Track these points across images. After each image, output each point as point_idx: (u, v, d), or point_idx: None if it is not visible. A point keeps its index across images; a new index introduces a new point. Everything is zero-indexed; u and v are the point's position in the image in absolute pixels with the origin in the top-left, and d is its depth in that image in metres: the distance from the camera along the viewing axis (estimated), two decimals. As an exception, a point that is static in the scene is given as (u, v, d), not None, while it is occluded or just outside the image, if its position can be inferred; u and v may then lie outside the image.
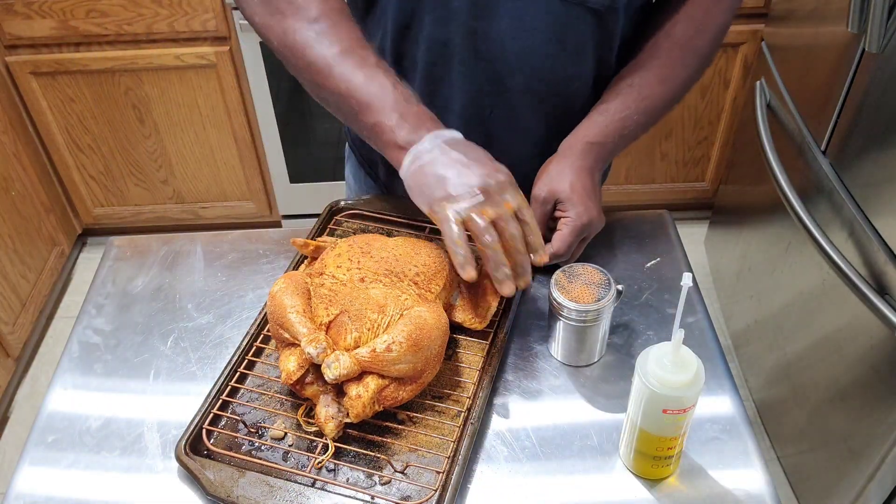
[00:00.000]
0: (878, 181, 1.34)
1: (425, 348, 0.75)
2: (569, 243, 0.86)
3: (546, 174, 0.90)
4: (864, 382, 1.40)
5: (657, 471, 0.74)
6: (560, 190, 0.87)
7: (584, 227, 0.87)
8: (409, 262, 0.82)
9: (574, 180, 0.87)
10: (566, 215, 0.87)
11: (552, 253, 0.86)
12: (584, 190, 0.87)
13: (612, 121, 0.91)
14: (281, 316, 0.76)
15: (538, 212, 0.89)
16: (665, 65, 0.92)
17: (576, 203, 0.87)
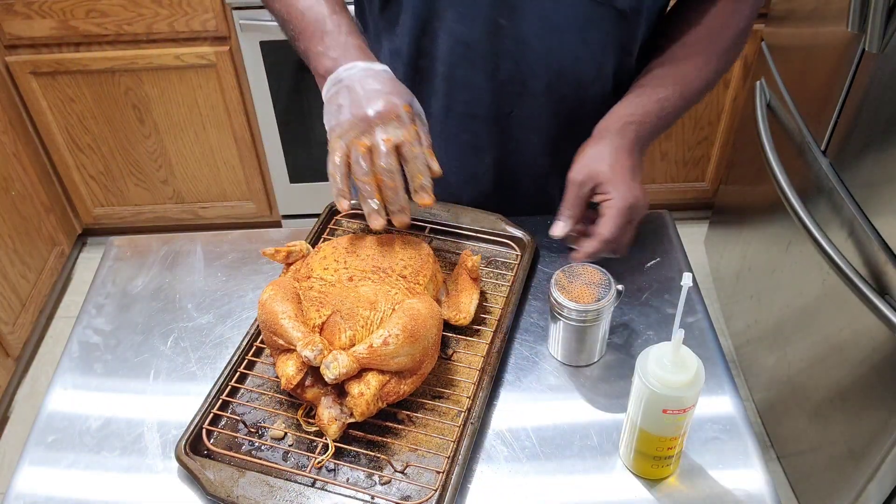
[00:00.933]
0: (878, 181, 1.34)
1: (422, 338, 0.75)
2: (618, 226, 0.82)
3: (583, 156, 0.86)
4: (864, 382, 1.40)
5: (657, 471, 0.74)
6: (599, 171, 0.84)
7: (630, 209, 0.83)
8: (395, 258, 0.82)
9: (614, 161, 0.84)
10: (608, 197, 0.83)
11: (604, 238, 0.82)
12: (624, 170, 0.84)
13: (650, 100, 0.89)
14: (273, 323, 0.76)
15: (574, 195, 0.85)
16: (698, 54, 0.91)
17: (618, 184, 0.83)
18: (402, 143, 0.77)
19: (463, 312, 0.85)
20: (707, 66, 0.92)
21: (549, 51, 0.90)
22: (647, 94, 0.89)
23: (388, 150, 0.77)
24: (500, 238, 0.98)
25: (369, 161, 0.77)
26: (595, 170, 0.84)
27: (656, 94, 0.89)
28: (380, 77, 0.81)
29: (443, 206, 1.01)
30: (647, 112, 0.88)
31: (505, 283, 0.93)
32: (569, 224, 0.85)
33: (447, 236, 0.99)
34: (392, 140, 0.77)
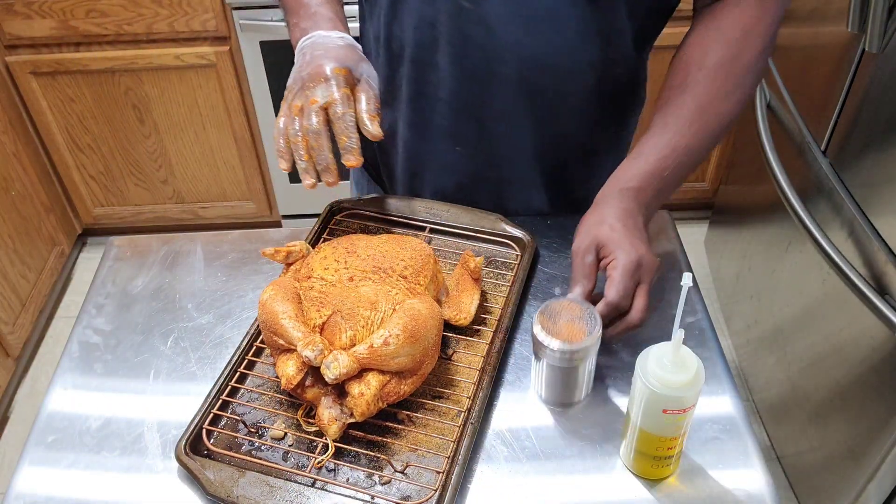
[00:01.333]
0: (878, 181, 1.34)
1: (422, 338, 0.75)
2: (624, 287, 0.76)
3: (584, 225, 0.82)
4: (864, 382, 1.40)
5: (657, 471, 0.74)
6: (599, 235, 0.79)
7: (635, 267, 0.77)
8: (395, 258, 0.82)
9: (614, 222, 0.79)
10: (611, 258, 0.78)
11: (609, 302, 0.76)
12: (626, 229, 0.79)
13: (647, 163, 0.82)
14: (273, 323, 0.76)
15: (581, 264, 0.80)
16: (701, 98, 0.84)
17: (619, 242, 0.78)
18: (328, 105, 0.81)
19: (463, 313, 0.85)
20: (716, 109, 0.85)
21: (517, 38, 0.87)
22: (644, 154, 0.83)
23: (312, 111, 0.81)
24: (500, 238, 0.98)
25: (300, 122, 0.82)
26: (595, 234, 0.80)
27: (655, 154, 0.83)
28: (328, 43, 0.85)
29: (443, 205, 1.01)
30: (645, 175, 0.83)
31: (505, 283, 0.93)
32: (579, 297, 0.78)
33: (447, 236, 1.00)
34: (318, 101, 0.81)
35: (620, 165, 0.85)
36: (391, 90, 0.99)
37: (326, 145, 0.82)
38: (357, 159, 0.82)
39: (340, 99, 0.81)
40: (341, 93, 0.81)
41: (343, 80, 0.82)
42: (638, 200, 0.82)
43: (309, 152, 0.82)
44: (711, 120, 0.84)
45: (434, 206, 1.01)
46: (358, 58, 0.86)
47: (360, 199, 1.04)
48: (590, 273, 0.79)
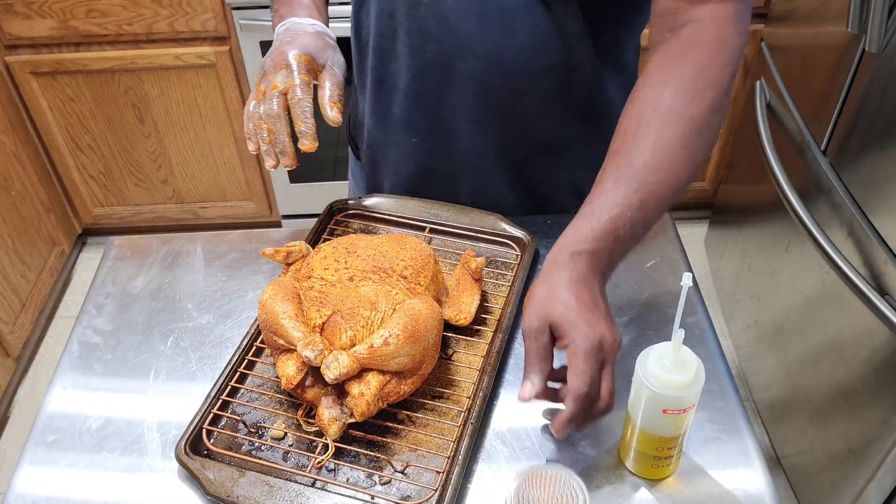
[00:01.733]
0: (878, 181, 1.34)
1: (422, 339, 0.75)
2: (588, 375, 0.67)
3: (533, 300, 0.72)
4: (864, 382, 1.40)
5: (657, 471, 0.74)
6: (551, 312, 0.69)
7: (596, 349, 0.68)
8: (395, 258, 0.82)
9: (567, 297, 0.70)
10: (567, 341, 0.68)
11: (578, 396, 0.67)
12: (580, 305, 0.69)
13: (600, 222, 0.72)
14: (274, 323, 0.76)
15: (534, 348, 0.70)
16: (657, 144, 0.73)
17: (574, 322, 0.68)
18: (287, 90, 0.83)
19: (464, 313, 0.85)
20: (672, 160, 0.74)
21: (471, 35, 0.88)
22: (596, 213, 0.73)
23: (272, 96, 0.83)
24: (500, 238, 0.98)
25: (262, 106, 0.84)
26: (546, 312, 0.70)
27: (608, 212, 0.72)
28: (298, 30, 0.87)
29: (443, 205, 1.01)
30: (599, 237, 0.72)
31: (505, 283, 0.93)
32: (537, 384, 0.70)
33: (447, 236, 1.00)
34: (278, 87, 0.83)
35: (570, 225, 0.75)
36: (361, 78, 1.02)
37: (284, 129, 0.83)
38: (311, 144, 0.83)
39: (300, 85, 0.83)
40: (300, 79, 0.83)
41: (304, 67, 0.84)
42: (591, 265, 0.72)
43: (269, 135, 0.84)
44: (669, 172, 0.74)
45: (434, 206, 1.01)
46: (324, 44, 0.87)
47: (360, 199, 1.04)
48: (545, 356, 0.71)
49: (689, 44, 0.77)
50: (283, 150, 0.83)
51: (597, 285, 0.72)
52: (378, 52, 0.94)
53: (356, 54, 1.00)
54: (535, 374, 0.70)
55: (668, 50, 0.78)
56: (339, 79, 0.87)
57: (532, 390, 0.70)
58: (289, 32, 0.87)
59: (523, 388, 0.70)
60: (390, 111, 0.99)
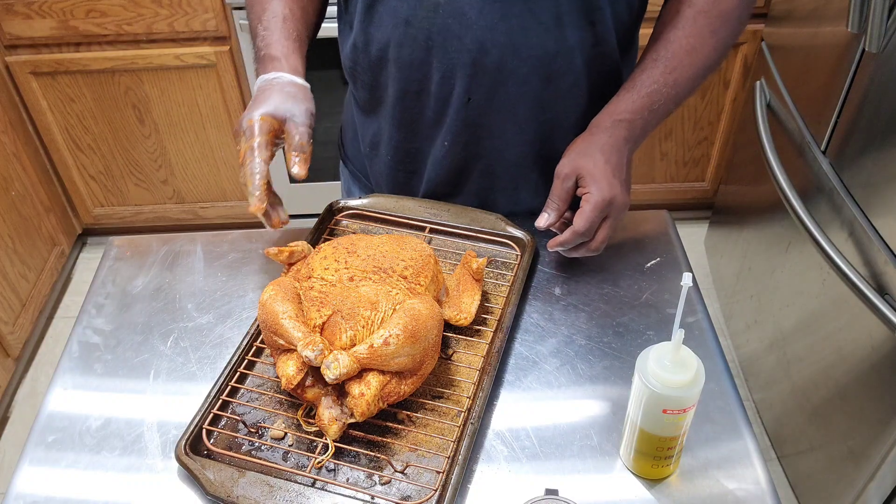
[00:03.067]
0: (878, 181, 1.34)
1: (422, 339, 0.75)
2: (589, 220, 0.84)
3: (571, 151, 0.89)
4: (864, 382, 1.40)
5: (657, 471, 0.74)
6: (582, 166, 0.86)
7: (605, 205, 0.85)
8: (396, 258, 0.82)
9: (598, 156, 0.86)
10: (587, 191, 0.85)
11: (575, 231, 0.85)
12: (608, 166, 0.86)
13: (639, 96, 0.89)
14: (274, 323, 0.76)
15: (559, 188, 0.88)
16: (690, 34, 0.89)
17: (598, 179, 0.85)
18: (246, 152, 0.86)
19: (464, 313, 0.85)
20: (702, 45, 0.90)
21: (493, 26, 0.88)
22: (637, 87, 0.90)
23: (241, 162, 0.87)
24: (500, 238, 0.98)
25: None
26: (579, 164, 0.86)
27: (646, 88, 0.89)
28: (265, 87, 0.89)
29: (443, 205, 1.01)
30: (637, 109, 0.89)
31: (505, 283, 0.93)
32: (552, 216, 0.88)
33: (447, 236, 1.00)
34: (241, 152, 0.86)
35: (614, 97, 0.91)
36: (375, 95, 1.01)
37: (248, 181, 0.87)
38: (255, 206, 0.86)
39: (256, 147, 0.85)
40: (258, 141, 0.85)
41: (263, 128, 0.85)
42: (627, 133, 0.88)
43: None
44: (699, 55, 0.90)
45: (434, 206, 1.01)
46: (284, 97, 0.87)
47: (360, 199, 1.04)
48: (566, 196, 0.88)
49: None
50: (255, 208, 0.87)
51: (626, 153, 0.89)
52: (399, 63, 0.94)
53: (367, 72, 0.98)
54: (553, 210, 0.88)
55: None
56: (302, 131, 0.87)
57: (547, 220, 0.88)
58: (259, 91, 0.89)
59: (540, 217, 0.89)
60: (420, 118, 0.99)
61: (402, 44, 0.92)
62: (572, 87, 0.95)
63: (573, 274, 0.96)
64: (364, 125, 1.07)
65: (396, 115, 1.00)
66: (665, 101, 0.90)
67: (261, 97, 0.87)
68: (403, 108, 0.98)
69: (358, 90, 1.04)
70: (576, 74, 0.94)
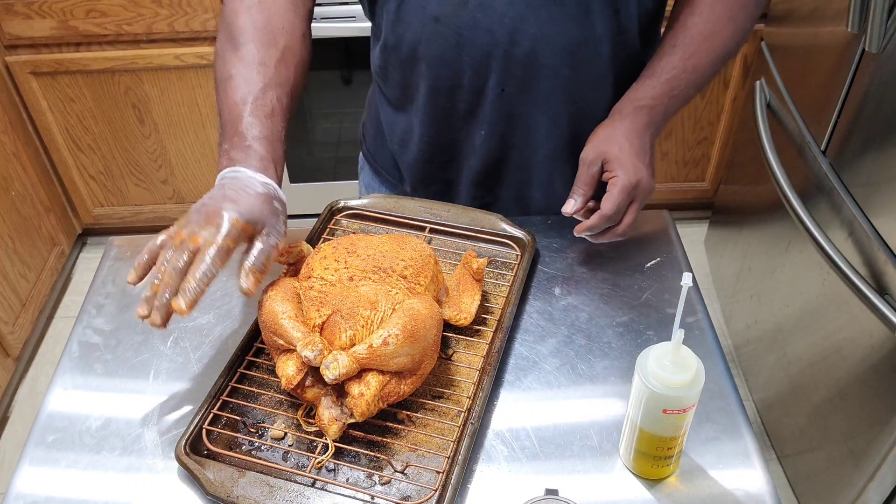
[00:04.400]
0: (878, 181, 1.34)
1: (422, 338, 0.75)
2: (617, 203, 0.85)
3: (595, 137, 0.90)
4: (864, 382, 1.40)
5: (657, 471, 0.74)
6: (608, 151, 0.87)
7: (633, 188, 0.86)
8: (395, 258, 0.82)
9: (623, 141, 0.88)
10: (613, 175, 0.86)
11: (604, 214, 0.85)
12: (633, 150, 0.87)
13: (659, 82, 0.91)
14: (273, 323, 0.76)
15: (585, 174, 0.89)
16: (708, 20, 0.91)
17: (624, 162, 0.86)
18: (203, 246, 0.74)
19: (464, 313, 0.85)
20: (721, 31, 0.92)
21: (522, 17, 0.89)
22: (657, 74, 0.91)
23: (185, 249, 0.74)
24: (500, 238, 0.98)
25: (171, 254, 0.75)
26: (604, 150, 0.88)
27: (667, 73, 0.91)
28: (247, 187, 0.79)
29: (443, 205, 1.01)
30: (657, 95, 0.91)
31: (505, 283, 0.93)
32: (579, 202, 0.89)
33: (447, 236, 1.00)
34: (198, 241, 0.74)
35: (636, 83, 0.93)
36: (406, 94, 1.01)
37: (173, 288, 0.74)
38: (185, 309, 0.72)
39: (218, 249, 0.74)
40: (222, 243, 0.74)
41: (234, 233, 0.75)
42: (649, 118, 0.90)
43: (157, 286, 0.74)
44: (717, 41, 0.91)
45: (434, 206, 1.01)
46: (268, 210, 0.79)
47: (360, 199, 1.04)
48: (592, 182, 0.88)
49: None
50: (159, 307, 0.73)
51: (648, 138, 0.90)
52: (429, 60, 0.94)
53: (397, 70, 0.99)
54: (580, 195, 0.89)
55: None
56: (268, 251, 0.78)
57: (574, 206, 0.88)
58: (236, 186, 0.78)
59: (567, 203, 0.89)
60: (453, 111, 0.99)
61: (432, 41, 0.93)
62: (599, 77, 0.96)
63: (573, 274, 0.96)
64: (393, 122, 1.07)
65: (429, 111, 1.00)
66: (685, 86, 0.91)
67: (238, 198, 0.77)
68: (435, 103, 0.99)
69: (389, 89, 1.04)
70: (603, 63, 0.95)
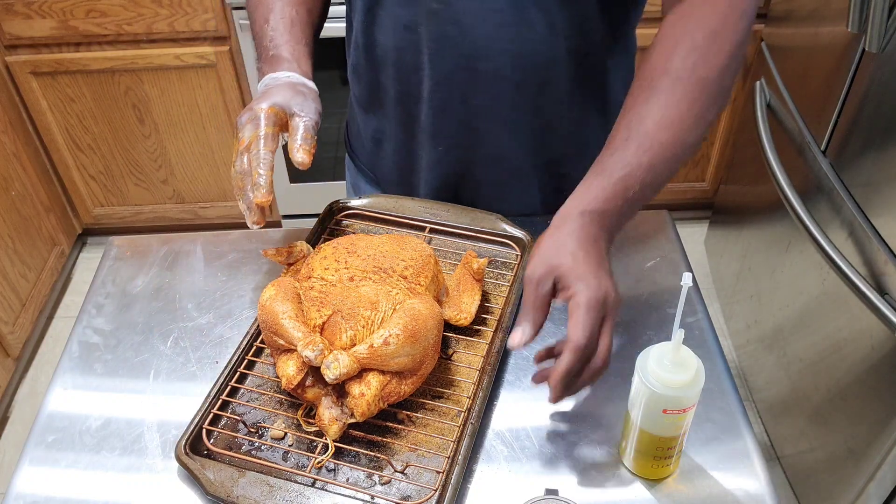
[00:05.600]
0: (878, 181, 1.34)
1: (422, 339, 0.75)
2: (589, 327, 0.67)
3: (540, 250, 0.72)
4: (863, 382, 1.40)
5: (657, 471, 0.74)
6: (560, 264, 0.70)
7: (600, 303, 0.68)
8: (396, 258, 0.82)
9: (576, 251, 0.70)
10: (573, 292, 0.68)
11: (577, 346, 0.67)
12: (588, 259, 0.70)
13: (611, 182, 0.74)
14: (274, 323, 0.76)
15: (532, 296, 0.70)
16: (667, 105, 0.75)
17: (581, 274, 0.69)
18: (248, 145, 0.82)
19: (464, 313, 0.85)
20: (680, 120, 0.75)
21: (489, 34, 0.88)
22: (607, 172, 0.74)
23: (241, 152, 0.83)
24: (500, 238, 0.98)
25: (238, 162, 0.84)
26: (553, 263, 0.70)
27: (617, 173, 0.74)
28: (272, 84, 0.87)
29: (442, 206, 1.01)
30: (608, 197, 0.73)
31: (505, 283, 0.93)
32: (528, 331, 0.70)
33: (447, 236, 1.00)
34: (245, 141, 0.82)
35: (582, 183, 0.76)
36: (376, 95, 1.01)
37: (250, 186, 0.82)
38: (264, 197, 0.80)
39: (263, 137, 0.82)
40: (264, 131, 0.82)
41: (271, 119, 0.83)
42: (601, 224, 0.73)
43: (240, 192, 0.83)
44: (677, 132, 0.75)
45: (434, 206, 1.01)
46: (295, 93, 0.86)
47: (360, 199, 1.04)
48: (543, 305, 0.70)
49: (701, 6, 0.78)
50: (248, 205, 0.82)
51: (604, 245, 0.73)
52: (398, 65, 0.95)
53: (368, 71, 1.00)
54: (529, 323, 0.70)
55: (680, 11, 0.80)
56: (308, 124, 0.86)
57: (522, 338, 0.69)
58: (266, 88, 0.88)
59: (514, 334, 0.70)
60: (417, 122, 0.99)
61: (402, 48, 0.93)
62: (565, 94, 0.95)
63: (573, 274, 0.96)
64: (365, 122, 1.07)
65: (397, 116, 1.01)
66: (641, 186, 0.74)
67: (269, 92, 0.86)
68: (403, 109, 0.99)
69: (359, 88, 1.04)
70: (569, 82, 0.94)
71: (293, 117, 0.85)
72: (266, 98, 0.85)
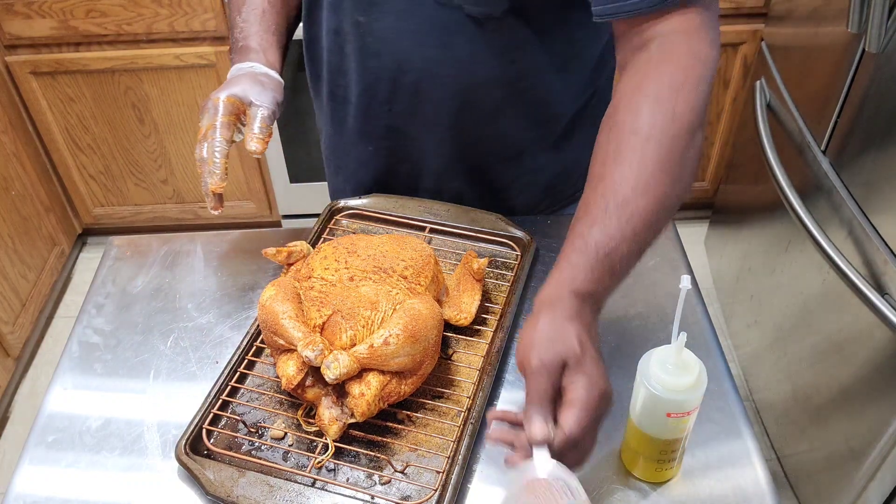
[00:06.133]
0: (878, 181, 1.34)
1: (422, 339, 0.75)
2: (585, 425, 0.63)
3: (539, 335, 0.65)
4: (864, 382, 1.40)
5: (660, 473, 0.74)
6: (569, 352, 0.64)
7: (603, 403, 0.64)
8: (396, 258, 0.82)
9: (584, 339, 0.65)
10: (575, 384, 0.64)
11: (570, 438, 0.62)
12: (594, 348, 0.66)
13: (598, 260, 0.68)
14: (274, 323, 0.76)
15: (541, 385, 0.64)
16: (641, 167, 0.70)
17: (588, 369, 0.64)
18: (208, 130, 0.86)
19: (464, 313, 0.85)
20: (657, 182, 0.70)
21: (408, 51, 0.89)
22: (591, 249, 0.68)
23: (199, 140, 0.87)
24: (500, 238, 0.98)
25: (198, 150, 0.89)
26: (562, 352, 0.64)
27: (603, 249, 0.68)
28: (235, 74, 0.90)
29: (442, 205, 1.01)
30: (597, 277, 0.68)
31: (505, 283, 0.93)
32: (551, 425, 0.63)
33: (447, 236, 1.00)
34: (203, 130, 0.87)
35: (565, 258, 0.70)
36: (317, 91, 1.05)
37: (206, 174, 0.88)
38: (217, 184, 0.86)
39: (219, 126, 0.86)
40: (221, 120, 0.86)
41: (228, 108, 0.87)
42: (592, 307, 0.69)
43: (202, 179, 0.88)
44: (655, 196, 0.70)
45: (434, 206, 1.01)
46: (254, 83, 0.89)
47: (360, 199, 1.04)
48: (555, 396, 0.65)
49: (659, 60, 0.73)
50: (206, 192, 0.87)
51: (596, 327, 0.69)
52: (329, 66, 0.97)
53: (311, 68, 1.02)
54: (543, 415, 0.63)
55: (639, 67, 0.74)
56: (264, 113, 0.88)
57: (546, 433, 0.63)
58: (230, 77, 0.90)
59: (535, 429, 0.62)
60: (345, 121, 1.01)
61: (332, 50, 0.95)
62: (492, 115, 0.95)
63: (573, 274, 0.96)
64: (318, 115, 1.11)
65: (329, 113, 1.03)
66: (626, 258, 0.69)
67: (231, 82, 0.89)
68: (333, 108, 1.02)
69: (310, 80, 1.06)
70: (495, 105, 0.94)
71: (250, 106, 0.88)
72: (226, 87, 0.88)
